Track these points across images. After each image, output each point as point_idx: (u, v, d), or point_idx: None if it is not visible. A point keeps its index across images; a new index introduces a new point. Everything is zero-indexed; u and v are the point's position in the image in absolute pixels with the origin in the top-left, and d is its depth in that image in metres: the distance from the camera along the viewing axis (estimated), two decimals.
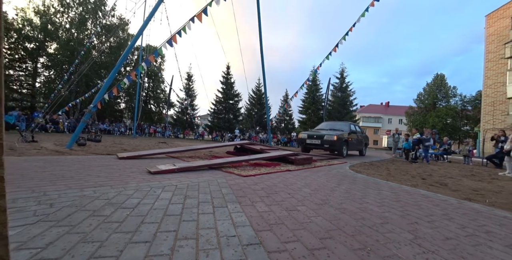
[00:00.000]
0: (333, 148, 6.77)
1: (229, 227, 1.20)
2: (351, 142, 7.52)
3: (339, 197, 2.03)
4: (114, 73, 5.37)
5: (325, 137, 6.69)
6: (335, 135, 6.59)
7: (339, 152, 6.85)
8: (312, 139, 6.97)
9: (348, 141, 7.21)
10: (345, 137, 7.00)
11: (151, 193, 1.77)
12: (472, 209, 1.94)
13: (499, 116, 17.57)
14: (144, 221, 1.22)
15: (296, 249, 1.01)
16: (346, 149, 7.21)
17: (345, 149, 7.19)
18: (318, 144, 6.84)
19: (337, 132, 7.00)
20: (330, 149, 7.03)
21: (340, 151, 6.83)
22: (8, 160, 2.85)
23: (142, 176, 2.40)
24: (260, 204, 1.63)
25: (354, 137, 7.85)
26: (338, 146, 6.65)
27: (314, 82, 26.59)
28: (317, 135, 6.94)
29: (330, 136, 6.64)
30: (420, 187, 2.98)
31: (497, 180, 4.33)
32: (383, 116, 45.56)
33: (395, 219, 1.53)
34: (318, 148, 7.05)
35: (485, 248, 1.17)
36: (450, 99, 30.21)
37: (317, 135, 6.95)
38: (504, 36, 17.76)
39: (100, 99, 5.02)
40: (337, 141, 6.54)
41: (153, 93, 28.08)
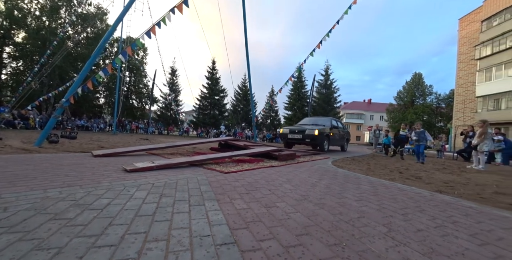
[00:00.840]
0: (314, 142, 6.76)
1: (204, 226, 1.15)
2: (333, 137, 7.55)
3: (319, 192, 2.05)
4: (89, 65, 5.03)
5: (307, 132, 6.67)
6: (316, 129, 6.59)
7: (320, 147, 6.84)
8: (294, 133, 6.94)
9: (330, 136, 7.23)
10: (326, 132, 7.01)
11: (124, 192, 1.68)
12: (443, 201, 2.05)
13: (469, 113, 18.87)
14: (112, 223, 1.14)
15: (271, 247, 0.98)
16: (327, 144, 7.25)
17: (327, 144, 7.20)
18: (299, 139, 6.80)
19: (319, 127, 7.00)
20: (312, 144, 7.02)
21: (321, 145, 6.83)
22: None
23: (116, 174, 2.28)
24: (239, 201, 1.60)
25: (335, 132, 7.89)
26: (319, 140, 6.65)
27: (299, 79, 26.85)
28: (299, 130, 6.90)
29: (311, 131, 6.63)
30: (397, 180, 3.11)
31: (465, 172, 4.64)
32: (365, 112, 47.26)
33: (371, 213, 1.57)
34: (300, 142, 7.02)
35: (452, 238, 1.23)
36: (427, 97, 31.97)
37: (298, 130, 6.91)
38: (475, 39, 18.96)
39: (74, 93, 4.69)
40: (318, 136, 6.54)
41: (135, 87, 26.93)
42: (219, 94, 26.51)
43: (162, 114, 26.24)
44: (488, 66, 17.11)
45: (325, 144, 7.02)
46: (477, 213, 1.74)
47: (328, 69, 26.91)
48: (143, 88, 27.50)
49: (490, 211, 1.82)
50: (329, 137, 7.19)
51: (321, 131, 6.68)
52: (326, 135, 6.96)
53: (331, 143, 7.66)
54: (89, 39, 22.01)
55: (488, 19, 17.81)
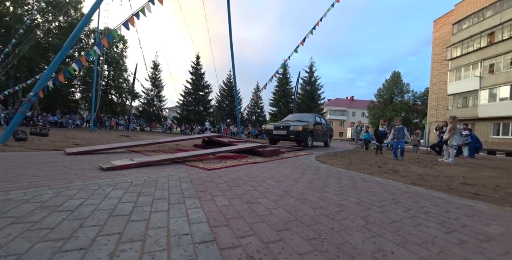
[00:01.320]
0: (299, 138, 6.87)
1: (183, 225, 1.12)
2: (317, 133, 7.66)
3: (301, 187, 2.08)
4: (61, 56, 4.67)
5: (291, 128, 6.75)
6: (300, 125, 6.69)
7: (304, 142, 6.96)
8: (279, 130, 7.02)
9: (313, 132, 7.32)
10: (310, 128, 7.10)
11: (99, 192, 1.59)
12: (416, 193, 2.17)
13: (441, 110, 20.15)
14: (83, 224, 1.07)
15: (251, 244, 0.98)
16: (311, 140, 7.36)
17: (310, 140, 7.31)
18: (284, 135, 6.89)
19: (303, 123, 7.09)
20: (296, 140, 7.14)
21: (305, 141, 6.96)
22: None
23: (92, 173, 2.15)
24: (221, 198, 1.57)
25: (319, 128, 8.00)
26: (303, 136, 6.76)
27: (284, 76, 27.03)
28: (283, 126, 6.98)
29: (295, 127, 6.73)
30: (376, 174, 3.24)
31: (436, 165, 4.96)
32: (348, 109, 48.82)
33: (350, 206, 1.61)
34: (285, 139, 7.13)
35: (423, 227, 1.30)
36: (404, 94, 33.64)
37: (283, 126, 6.99)
38: (447, 41, 20.14)
39: (43, 87, 4.35)
40: (302, 132, 6.64)
41: (115, 82, 25.61)
42: (203, 90, 26.00)
43: (144, 110, 25.28)
44: (458, 67, 18.31)
45: (309, 140, 7.12)
46: (446, 203, 1.86)
47: (312, 66, 27.32)
48: (123, 82, 26.23)
49: (457, 200, 1.96)
50: (313, 133, 7.28)
51: (305, 127, 6.76)
52: (310, 131, 7.06)
53: (315, 139, 7.78)
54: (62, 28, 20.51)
55: (458, 22, 18.98)
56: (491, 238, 1.22)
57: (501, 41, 15.40)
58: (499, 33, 15.77)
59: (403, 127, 6.02)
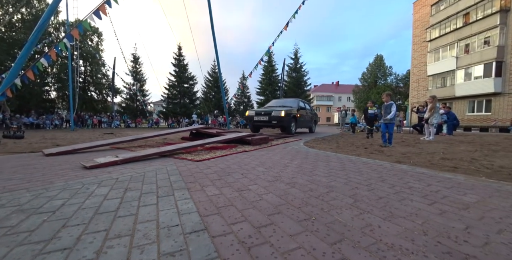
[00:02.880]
0: (281, 124, 6.51)
1: (173, 217, 1.10)
2: (300, 118, 7.31)
3: (291, 172, 2.11)
4: (27, 51, 4.30)
5: (273, 113, 6.37)
6: (282, 110, 6.32)
7: (287, 129, 6.57)
8: (260, 116, 6.63)
9: (297, 117, 6.97)
10: (293, 113, 6.73)
11: (83, 190, 1.52)
12: (401, 170, 2.26)
13: (422, 91, 20.86)
14: (66, 224, 1.03)
15: (242, 230, 0.98)
16: (294, 126, 7.00)
17: (294, 126, 6.95)
18: (266, 121, 6.52)
19: (285, 108, 6.76)
20: (279, 126, 6.79)
21: (288, 128, 6.56)
22: None
23: (74, 173, 2.06)
24: (211, 188, 1.56)
25: (303, 114, 7.64)
26: (286, 122, 6.41)
27: (270, 63, 26.67)
28: (265, 112, 6.60)
29: (277, 112, 6.35)
30: (363, 155, 3.35)
31: (419, 144, 5.19)
32: (334, 94, 49.46)
33: (339, 187, 1.66)
34: (267, 125, 6.75)
35: (408, 201, 1.36)
36: (387, 77, 34.36)
37: (264, 112, 6.62)
38: (426, 22, 20.45)
39: (10, 86, 4.02)
40: (284, 117, 6.29)
41: (93, 78, 24.20)
42: (188, 82, 25.24)
43: (128, 105, 24.31)
44: (436, 48, 18.80)
45: (292, 126, 6.78)
46: (428, 177, 1.96)
47: (297, 52, 27.06)
48: (102, 78, 24.84)
49: (437, 174, 2.06)
50: (296, 119, 6.95)
51: (288, 112, 6.43)
52: (293, 116, 6.71)
53: (299, 125, 7.46)
54: (26, 22, 18.78)
55: (436, 3, 19.23)
56: (468, 206, 1.29)
57: (475, 21, 15.85)
58: (473, 13, 16.19)
59: (392, 104, 4.78)
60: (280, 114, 6.23)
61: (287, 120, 6.35)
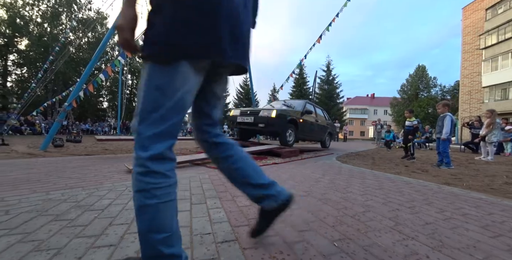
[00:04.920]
0: (272, 130, 4.71)
1: (205, 224, 1.13)
2: (304, 125, 5.37)
3: (323, 187, 2.02)
4: (90, 68, 5.06)
5: (260, 113, 4.65)
6: (274, 110, 4.55)
7: (281, 137, 4.76)
8: (245, 116, 4.94)
9: (298, 123, 5.09)
10: (293, 116, 4.89)
11: (126, 192, 1.67)
12: (451, 193, 1.99)
13: (475, 104, 18.48)
14: (112, 223, 1.13)
15: (273, 244, 0.96)
16: (293, 134, 5.02)
17: (292, 135, 5.00)
18: (250, 123, 4.77)
19: (280, 108, 5.13)
20: (268, 132, 5.25)
21: (283, 135, 4.72)
22: None
23: (119, 175, 2.28)
24: (241, 199, 1.57)
25: (309, 120, 5.66)
26: (278, 127, 4.59)
27: (301, 75, 26.70)
28: (251, 111, 4.94)
29: (266, 112, 4.59)
30: (403, 174, 3.05)
31: (473, 164, 4.54)
32: (369, 107, 46.78)
33: (377, 207, 1.53)
34: (252, 127, 4.89)
35: (462, 230, 1.18)
36: (431, 89, 31.43)
37: (251, 111, 4.95)
38: (479, 28, 18.50)
39: (75, 97, 4.73)
40: (275, 120, 4.44)
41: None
42: None
43: None
44: (494, 55, 16.70)
45: (289, 134, 4.87)
46: (488, 204, 1.69)
47: (329, 64, 26.71)
48: None
49: (501, 202, 1.76)
50: (296, 125, 5.06)
51: (282, 113, 4.63)
52: (291, 120, 4.84)
53: (301, 133, 5.38)
54: (90, 43, 22.24)
55: (492, 6, 17.37)
56: None
57: None
58: None
59: (446, 115, 3.98)
60: (270, 115, 4.46)
61: (280, 124, 4.55)
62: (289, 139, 4.91)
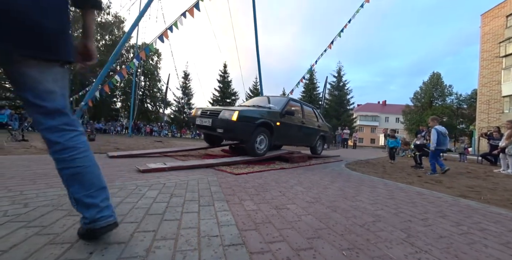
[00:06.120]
0: (232, 135, 3.84)
1: (213, 227, 1.14)
2: (283, 129, 4.32)
3: (331, 195, 1.98)
4: (106, 70, 5.26)
5: (220, 115, 3.68)
6: (236, 111, 3.55)
7: (248, 145, 3.77)
8: (204, 117, 4.00)
9: (274, 127, 4.04)
10: (264, 118, 3.84)
11: (136, 191, 1.70)
12: (467, 206, 1.91)
13: (494, 114, 17.72)
14: (123, 220, 1.16)
15: (280, 250, 0.95)
16: (266, 140, 4.00)
17: (264, 141, 3.98)
18: (208, 127, 3.87)
19: (246, 109, 3.96)
20: (228, 137, 4.36)
21: (250, 143, 3.72)
22: None
23: (129, 174, 2.33)
24: (249, 203, 1.57)
25: (291, 123, 4.56)
26: (241, 132, 3.60)
27: (311, 81, 26.59)
28: (211, 112, 3.99)
29: (227, 113, 3.62)
30: (415, 184, 2.95)
31: (492, 177, 4.33)
32: (380, 114, 45.82)
33: (387, 217, 1.48)
34: (210, 132, 4.07)
35: (480, 246, 1.13)
36: (446, 97, 30.43)
37: (210, 112, 4.00)
38: (499, 35, 17.89)
39: (91, 97, 4.92)
40: (237, 124, 3.50)
41: (150, 91, 27.84)
42: (230, 97, 26.83)
43: (176, 117, 26.88)
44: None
45: (259, 141, 3.85)
46: (509, 220, 1.60)
47: (340, 70, 26.47)
48: (157, 92, 28.37)
49: None
50: (272, 130, 4.05)
51: (248, 115, 3.65)
52: (263, 124, 3.84)
53: (280, 139, 4.48)
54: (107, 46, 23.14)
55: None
56: None
57: None
58: None
59: (432, 129, 4.38)
60: (231, 118, 3.52)
61: (244, 129, 3.59)
62: (260, 147, 3.89)
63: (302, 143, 5.57)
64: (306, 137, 5.42)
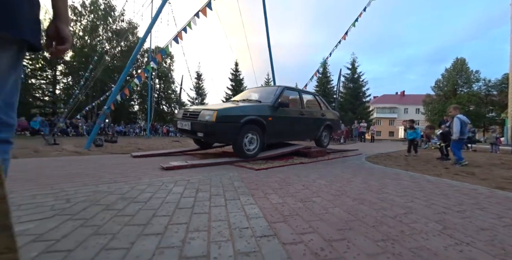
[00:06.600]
0: (214, 139, 3.67)
1: (242, 219, 1.15)
2: (277, 124, 3.75)
3: (356, 187, 1.94)
4: (125, 75, 5.48)
5: (200, 117, 3.26)
6: (215, 111, 3.09)
7: (234, 146, 3.36)
8: (184, 120, 3.61)
9: (266, 123, 3.52)
10: (252, 115, 3.34)
11: (163, 187, 1.77)
12: (507, 198, 1.78)
13: None
14: (156, 214, 1.21)
15: (312, 241, 0.94)
16: (257, 139, 3.47)
17: (255, 140, 3.46)
18: (188, 131, 3.49)
19: (228, 107, 3.36)
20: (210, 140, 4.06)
21: (237, 145, 3.26)
22: (31, 161, 2.99)
23: (154, 172, 2.43)
24: (274, 196, 1.58)
25: (286, 116, 3.97)
26: (222, 135, 3.20)
27: (324, 74, 25.98)
28: (191, 113, 3.56)
29: (207, 113, 3.17)
30: (444, 176, 2.80)
31: None
32: (398, 106, 43.79)
33: (419, 209, 1.42)
34: (192, 135, 3.67)
35: None
36: (473, 84, 28.38)
37: (190, 113, 3.58)
38: None
39: (113, 101, 5.15)
40: (217, 126, 3.06)
41: (165, 93, 28.69)
42: None
43: None
44: None
45: (248, 141, 3.37)
46: None
47: (354, 62, 25.60)
48: (171, 93, 29.16)
49: None
50: (262, 126, 3.50)
51: (227, 114, 3.17)
52: (251, 121, 3.34)
53: (275, 136, 3.82)
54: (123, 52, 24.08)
55: None
56: None
57: None
58: None
59: (454, 117, 4.21)
60: (211, 119, 3.08)
61: (225, 131, 3.14)
62: (249, 148, 3.39)
63: (304, 136, 5.04)
64: (308, 129, 4.77)
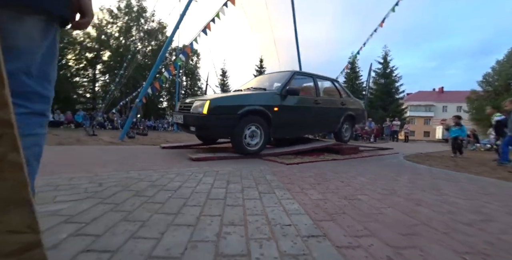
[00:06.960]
0: (208, 134, 3.40)
1: (281, 215, 1.01)
2: (284, 115, 3.25)
3: (404, 187, 1.68)
4: (155, 70, 5.65)
5: (192, 109, 2.90)
6: (207, 101, 2.72)
7: (232, 140, 2.93)
8: (179, 113, 3.27)
9: (271, 114, 3.05)
10: (253, 105, 2.92)
11: (193, 177, 1.70)
12: None
13: None
14: (186, 203, 1.12)
15: (373, 246, 0.76)
16: (260, 134, 3.02)
17: (259, 135, 3.02)
18: (182, 125, 3.20)
19: (223, 96, 3.15)
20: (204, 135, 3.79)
21: (233, 138, 2.87)
22: (74, 149, 3.20)
23: (183, 162, 2.40)
24: (312, 192, 1.41)
25: (296, 106, 3.45)
26: (216, 129, 2.81)
27: (353, 70, 24.57)
28: (186, 105, 3.18)
29: (199, 104, 2.80)
30: (511, 180, 2.36)
31: None
32: (436, 103, 39.91)
33: (500, 216, 1.15)
34: (186, 130, 3.24)
35: None
36: None
37: (185, 105, 3.20)
38: None
39: (145, 94, 5.35)
40: (210, 118, 2.69)
41: (191, 90, 29.65)
42: None
43: None
44: None
45: (248, 135, 2.92)
46: None
47: (386, 55, 23.79)
48: (198, 90, 30.04)
49: None
50: (267, 117, 3.04)
51: (221, 104, 2.82)
52: (254, 112, 2.92)
53: (281, 129, 3.33)
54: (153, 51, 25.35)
55: None
56: None
57: None
58: None
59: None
60: (202, 111, 2.70)
61: (219, 124, 2.75)
62: (251, 143, 2.95)
63: (320, 129, 4.42)
64: (325, 121, 4.10)
